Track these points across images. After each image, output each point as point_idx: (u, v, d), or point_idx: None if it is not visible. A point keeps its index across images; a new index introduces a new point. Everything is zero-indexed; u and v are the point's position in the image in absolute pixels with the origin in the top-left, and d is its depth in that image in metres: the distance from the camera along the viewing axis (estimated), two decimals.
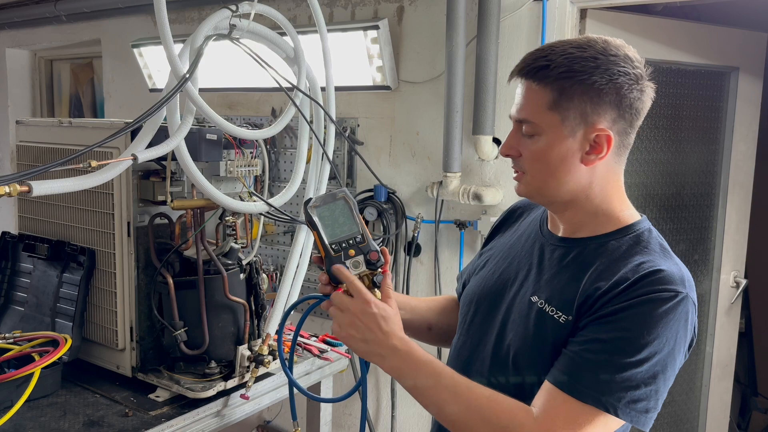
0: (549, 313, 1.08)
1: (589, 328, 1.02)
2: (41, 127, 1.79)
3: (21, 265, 1.81)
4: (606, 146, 1.06)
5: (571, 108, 1.04)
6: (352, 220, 1.14)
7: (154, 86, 3.43)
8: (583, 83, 1.03)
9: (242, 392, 1.61)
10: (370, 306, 1.06)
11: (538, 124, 1.06)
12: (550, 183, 1.09)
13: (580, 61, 1.03)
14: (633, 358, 0.97)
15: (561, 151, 1.07)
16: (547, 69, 1.03)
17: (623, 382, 0.97)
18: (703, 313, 2.69)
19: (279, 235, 3.02)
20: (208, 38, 1.44)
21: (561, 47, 1.05)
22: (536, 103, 1.05)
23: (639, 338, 0.97)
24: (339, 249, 1.12)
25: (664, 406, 1.09)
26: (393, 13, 2.60)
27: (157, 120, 1.39)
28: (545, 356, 1.06)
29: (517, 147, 1.10)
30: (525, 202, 1.36)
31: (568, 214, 1.13)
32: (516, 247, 1.24)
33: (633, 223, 1.11)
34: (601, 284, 1.03)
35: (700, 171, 2.60)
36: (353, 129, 2.76)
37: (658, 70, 2.41)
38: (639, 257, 1.05)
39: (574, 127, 1.05)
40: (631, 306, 0.99)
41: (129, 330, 1.61)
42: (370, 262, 1.12)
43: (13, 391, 1.44)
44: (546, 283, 1.12)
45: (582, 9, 2.20)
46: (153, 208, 1.61)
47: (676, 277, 1.02)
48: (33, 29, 4.20)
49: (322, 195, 1.15)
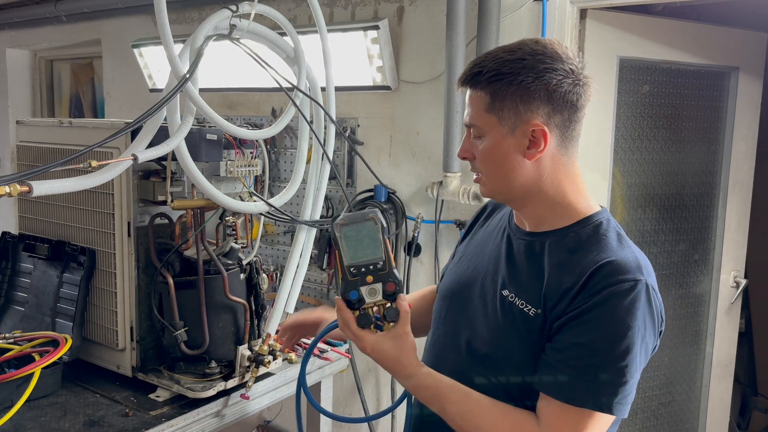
0: (519, 306, 1.12)
1: (564, 333, 1.06)
2: (41, 127, 1.79)
3: (21, 265, 1.82)
4: (543, 140, 1.11)
5: (505, 108, 1.10)
6: (378, 244, 1.09)
7: (155, 86, 3.43)
8: (512, 83, 1.09)
9: (242, 392, 1.61)
10: (365, 348, 1.10)
11: (481, 126, 1.13)
12: (502, 180, 1.15)
13: (508, 64, 1.09)
14: (614, 354, 1.02)
15: (503, 149, 1.13)
16: (480, 75, 1.11)
17: (614, 378, 1.02)
18: (703, 312, 2.69)
19: (279, 235, 3.02)
20: (208, 38, 1.45)
21: (494, 53, 1.13)
22: (476, 107, 1.13)
23: (614, 334, 1.02)
24: (357, 273, 1.08)
25: (664, 405, 1.11)
26: (393, 13, 2.60)
27: (158, 120, 1.40)
28: (516, 348, 1.12)
29: (470, 150, 1.16)
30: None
31: (527, 210, 1.18)
32: (487, 243, 1.28)
33: (591, 215, 1.15)
34: (564, 279, 1.07)
35: (700, 171, 2.60)
36: (353, 129, 2.76)
37: (658, 70, 2.44)
38: (596, 249, 1.09)
39: (511, 125, 1.11)
40: (597, 304, 1.03)
41: (129, 330, 1.61)
42: (386, 293, 1.08)
43: (14, 391, 1.44)
44: (515, 276, 1.16)
45: (582, 9, 2.20)
46: (153, 208, 1.62)
47: (631, 265, 1.05)
48: (33, 29, 4.20)
49: (352, 213, 1.11)
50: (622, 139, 2.38)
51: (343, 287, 1.09)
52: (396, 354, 1.09)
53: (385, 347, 1.09)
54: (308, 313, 1.65)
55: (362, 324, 1.09)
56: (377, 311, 1.09)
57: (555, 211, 1.15)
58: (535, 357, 1.09)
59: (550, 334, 1.08)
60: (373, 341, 1.09)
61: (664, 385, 2.59)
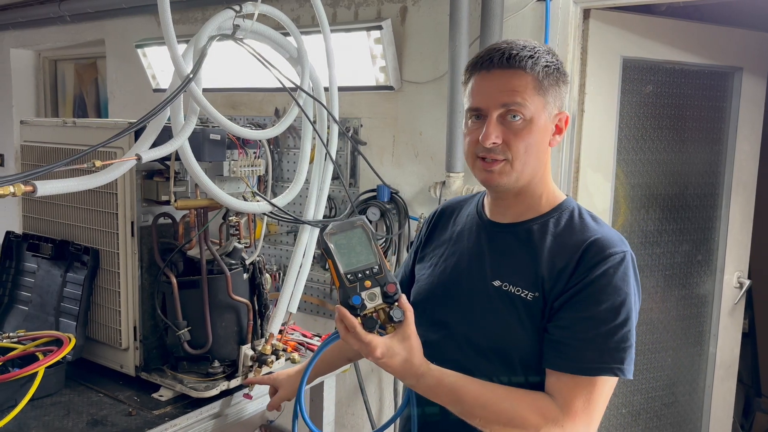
0: (515, 293, 1.15)
1: (566, 311, 1.11)
2: (45, 127, 1.80)
3: (25, 265, 1.82)
4: (565, 127, 1.19)
5: (550, 92, 1.15)
6: (370, 249, 1.10)
7: (158, 86, 3.43)
8: (557, 69, 1.16)
9: (245, 392, 1.61)
10: (375, 352, 1.06)
11: (529, 107, 1.13)
12: (531, 165, 1.16)
13: (545, 54, 1.15)
14: (616, 321, 1.08)
15: (544, 133, 1.16)
16: (530, 58, 1.13)
17: (619, 343, 1.08)
18: (707, 313, 2.68)
19: (282, 234, 3.02)
20: (211, 38, 1.45)
21: (515, 41, 1.17)
22: (523, 88, 1.13)
23: (613, 303, 1.08)
24: (354, 279, 1.08)
25: (667, 406, 1.13)
26: (396, 13, 2.60)
27: (161, 120, 1.40)
28: (521, 334, 1.14)
29: (501, 134, 1.14)
30: (453, 202, 1.43)
31: (518, 200, 1.21)
32: (460, 242, 1.30)
33: (563, 202, 1.22)
34: (556, 261, 1.13)
35: (704, 171, 2.60)
36: (356, 129, 2.76)
37: (661, 70, 2.44)
38: (579, 230, 1.16)
39: (551, 110, 1.16)
40: (595, 279, 1.09)
41: (132, 329, 1.61)
42: (386, 295, 1.08)
43: (17, 390, 1.44)
44: (504, 267, 1.19)
45: (585, 9, 2.20)
46: (157, 208, 1.62)
47: (615, 238, 1.14)
48: (37, 29, 4.21)
49: (340, 222, 1.12)
50: (626, 140, 2.37)
51: (342, 294, 1.07)
52: (407, 355, 1.08)
53: (396, 349, 1.07)
54: None
55: (368, 328, 1.07)
56: (377, 316, 1.08)
57: (539, 200, 1.21)
58: (538, 339, 1.13)
59: (552, 314, 1.12)
60: (384, 344, 1.07)
61: (667, 385, 2.58)
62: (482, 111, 1.16)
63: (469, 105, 1.19)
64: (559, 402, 1.09)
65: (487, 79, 1.15)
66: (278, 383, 1.57)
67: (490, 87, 1.14)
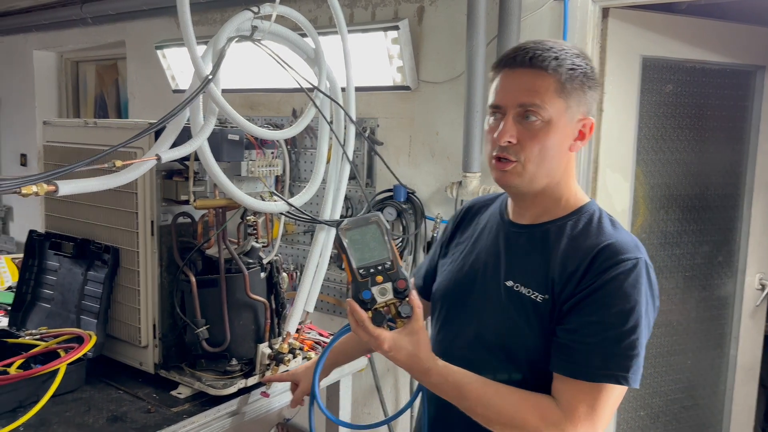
0: (526, 294, 1.15)
1: (574, 314, 1.09)
2: (67, 128, 1.82)
3: (48, 263, 1.85)
4: (589, 134, 1.17)
5: (573, 95, 1.12)
6: (383, 245, 1.12)
7: (178, 87, 3.46)
8: (583, 73, 1.13)
9: (263, 390, 1.62)
10: (383, 345, 1.09)
11: (548, 109, 1.11)
12: (545, 168, 1.14)
13: (569, 52, 1.13)
14: (624, 328, 1.06)
15: (561, 136, 1.13)
16: (555, 59, 1.11)
17: (626, 350, 1.06)
18: (728, 315, 2.65)
19: (299, 234, 3.04)
20: (230, 40, 1.46)
21: (545, 41, 1.15)
22: (544, 90, 1.11)
23: (622, 309, 1.06)
24: (366, 274, 1.10)
25: (687, 409, 1.11)
26: (413, 13, 2.60)
27: (181, 120, 1.41)
28: (528, 335, 1.14)
29: (516, 134, 1.12)
30: (479, 200, 1.42)
31: (536, 202, 1.20)
32: (480, 240, 1.30)
33: (584, 205, 1.20)
34: (568, 264, 1.12)
35: (725, 171, 2.56)
36: (373, 129, 2.77)
37: (682, 69, 2.41)
38: (595, 234, 1.14)
39: (573, 114, 1.14)
40: (604, 283, 1.07)
41: (152, 327, 1.63)
42: (397, 291, 1.10)
43: (39, 386, 1.47)
44: (517, 268, 1.19)
45: (604, 8, 2.18)
46: (176, 208, 1.64)
47: (630, 244, 1.11)
48: (60, 31, 4.27)
49: (355, 218, 1.14)
50: (645, 139, 2.35)
51: (354, 289, 1.10)
52: (413, 349, 1.10)
53: (402, 343, 1.09)
54: None
55: (376, 322, 1.09)
56: (387, 310, 1.10)
57: (559, 203, 1.19)
58: (546, 341, 1.12)
59: (560, 317, 1.11)
60: (392, 338, 1.09)
61: (686, 388, 2.55)
62: (501, 109, 1.15)
63: (490, 102, 1.18)
64: (563, 406, 1.08)
65: (510, 77, 1.14)
66: (297, 377, 1.59)
67: (511, 85, 1.14)
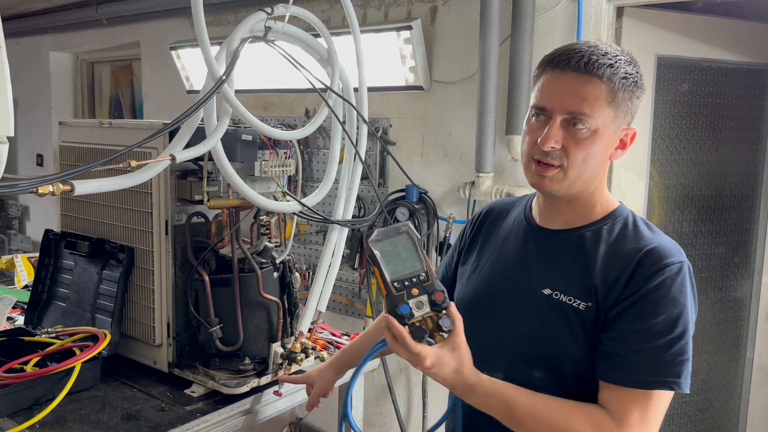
0: (567, 302, 1.11)
1: (621, 322, 1.06)
2: (83, 128, 1.84)
3: (63, 262, 1.87)
4: (630, 143, 1.15)
5: (621, 106, 1.09)
6: (416, 256, 1.07)
7: (192, 88, 3.49)
8: (634, 84, 1.10)
9: (275, 389, 1.63)
10: (425, 362, 1.02)
11: (595, 118, 1.07)
12: (586, 175, 1.11)
13: (626, 65, 1.09)
14: (673, 334, 1.04)
15: (606, 145, 1.11)
16: (610, 66, 1.07)
17: (676, 356, 1.04)
18: (744, 317, 2.62)
19: (312, 234, 3.05)
20: (244, 40, 1.46)
21: (599, 46, 1.10)
22: (594, 98, 1.07)
23: (670, 315, 1.04)
24: (401, 287, 1.04)
25: (702, 411, 1.10)
26: (426, 13, 2.60)
27: (195, 121, 1.42)
28: (572, 344, 1.10)
29: (561, 140, 1.09)
30: (499, 204, 1.37)
31: (570, 207, 1.16)
32: (506, 247, 1.25)
33: (616, 209, 1.18)
34: (609, 270, 1.09)
35: (741, 171, 2.53)
36: (385, 129, 2.77)
37: (698, 69, 2.39)
38: (634, 239, 1.11)
39: (619, 124, 1.11)
40: (651, 289, 1.05)
41: (166, 326, 1.64)
42: (434, 303, 1.04)
43: (55, 384, 1.48)
44: (555, 275, 1.14)
45: (618, 7, 2.17)
46: (190, 207, 1.65)
47: (672, 248, 1.09)
48: (75, 33, 4.32)
49: (385, 228, 1.09)
50: (660, 139, 2.33)
51: (390, 303, 1.04)
52: (457, 365, 1.04)
53: (445, 360, 1.03)
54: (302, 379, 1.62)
55: (417, 338, 1.02)
56: (424, 324, 1.04)
57: (593, 209, 1.16)
58: (591, 350, 1.09)
59: (605, 325, 1.08)
60: (434, 354, 1.02)
61: (702, 390, 2.53)
62: (547, 111, 1.10)
63: (535, 102, 1.13)
64: (614, 415, 1.04)
65: (559, 79, 1.09)
66: (311, 380, 1.58)
67: (560, 89, 1.08)
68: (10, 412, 1.42)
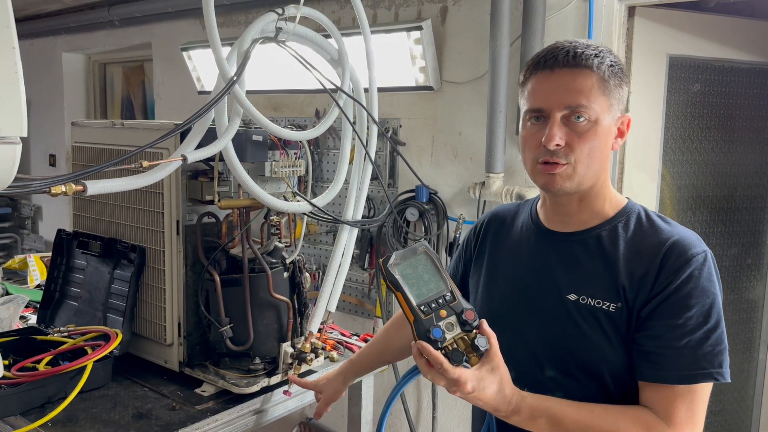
0: (596, 306, 1.09)
1: (655, 319, 1.05)
2: (95, 129, 1.85)
3: (75, 262, 1.88)
4: (627, 130, 1.14)
5: (613, 93, 1.09)
6: (438, 275, 1.03)
7: (203, 88, 3.50)
8: (621, 70, 1.11)
9: (285, 389, 1.63)
10: (466, 387, 0.98)
11: (594, 109, 1.07)
12: (593, 169, 1.10)
13: (608, 54, 1.10)
14: (709, 324, 1.04)
15: (607, 135, 1.10)
16: (596, 56, 1.08)
17: (715, 347, 1.04)
18: (756, 319, 2.60)
19: (322, 234, 3.05)
20: (255, 41, 1.47)
21: (575, 41, 1.12)
22: (588, 88, 1.07)
23: (705, 307, 1.04)
24: (429, 310, 1.00)
25: (714, 414, 1.09)
26: (436, 13, 2.59)
27: (206, 122, 1.43)
28: (608, 348, 1.08)
29: (565, 137, 1.08)
30: (500, 211, 1.34)
31: (581, 206, 1.15)
32: (521, 256, 1.22)
33: (626, 204, 1.16)
34: (634, 268, 1.08)
35: (754, 172, 2.51)
36: (395, 129, 2.77)
37: (710, 68, 2.37)
38: (652, 233, 1.10)
39: (615, 112, 1.11)
40: (682, 283, 1.04)
41: (177, 326, 1.65)
42: (465, 323, 1.00)
43: (67, 383, 1.49)
44: (578, 279, 1.12)
45: (630, 6, 2.16)
46: (201, 208, 1.65)
47: (693, 238, 1.09)
48: (88, 34, 4.35)
49: (401, 251, 1.05)
50: (672, 140, 2.32)
51: (419, 329, 0.99)
52: (499, 386, 1.00)
53: (487, 382, 0.99)
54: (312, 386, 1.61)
55: (455, 361, 0.97)
56: (456, 345, 0.99)
57: (603, 205, 1.15)
58: (626, 351, 1.08)
59: (639, 324, 1.06)
60: (474, 378, 0.98)
61: (714, 393, 2.46)
62: (544, 112, 1.09)
63: (529, 106, 1.12)
64: (661, 414, 1.03)
65: (550, 78, 1.09)
66: (319, 388, 1.58)
67: (553, 87, 1.08)
68: (23, 411, 1.43)
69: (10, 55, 0.92)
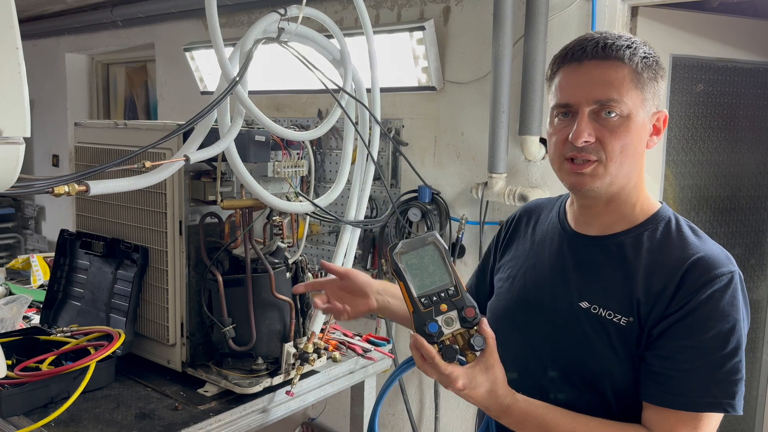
0: (607, 317, 1.04)
1: (667, 338, 0.99)
2: (98, 129, 1.85)
3: (78, 262, 1.88)
4: (663, 127, 1.06)
5: (647, 87, 1.03)
6: (443, 268, 1.01)
7: (205, 89, 3.51)
8: (656, 63, 1.04)
9: (288, 389, 1.63)
10: (457, 383, 0.97)
11: (626, 103, 1.00)
12: (625, 167, 1.03)
13: (642, 45, 1.04)
14: (725, 350, 0.97)
15: (641, 131, 1.03)
16: (628, 48, 1.02)
17: (728, 375, 0.97)
18: (760, 319, 2.59)
19: (324, 234, 3.05)
20: (257, 42, 1.47)
21: (608, 32, 1.05)
22: (620, 81, 1.01)
23: (720, 331, 0.97)
24: (429, 303, 0.98)
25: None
26: (439, 13, 2.59)
27: (209, 122, 1.43)
28: (612, 363, 1.04)
29: (594, 133, 1.01)
30: (532, 206, 1.30)
31: (609, 209, 1.09)
32: (542, 254, 1.18)
33: (658, 211, 1.09)
34: (653, 282, 1.01)
35: (757, 172, 2.51)
36: (398, 130, 2.77)
37: (713, 68, 2.36)
38: (678, 247, 1.03)
39: (649, 107, 1.04)
40: (700, 304, 0.97)
41: (179, 326, 1.65)
42: (465, 320, 0.98)
43: (70, 383, 1.49)
44: (592, 286, 1.07)
45: (633, 6, 2.15)
46: (204, 208, 1.65)
47: (721, 257, 1.01)
48: (91, 34, 4.36)
49: (410, 240, 1.03)
50: (675, 140, 2.31)
51: (417, 321, 0.98)
52: (491, 386, 0.99)
53: (479, 380, 0.98)
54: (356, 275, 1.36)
55: (448, 358, 0.96)
56: (453, 341, 0.98)
57: (633, 210, 1.08)
58: (633, 368, 1.03)
59: (650, 342, 1.01)
60: (466, 375, 0.97)
61: None
62: (572, 107, 1.03)
63: (556, 101, 1.05)
64: None
65: (578, 71, 1.02)
66: (351, 275, 1.33)
67: (581, 80, 1.02)
68: (26, 411, 1.43)
69: (13, 55, 0.93)
